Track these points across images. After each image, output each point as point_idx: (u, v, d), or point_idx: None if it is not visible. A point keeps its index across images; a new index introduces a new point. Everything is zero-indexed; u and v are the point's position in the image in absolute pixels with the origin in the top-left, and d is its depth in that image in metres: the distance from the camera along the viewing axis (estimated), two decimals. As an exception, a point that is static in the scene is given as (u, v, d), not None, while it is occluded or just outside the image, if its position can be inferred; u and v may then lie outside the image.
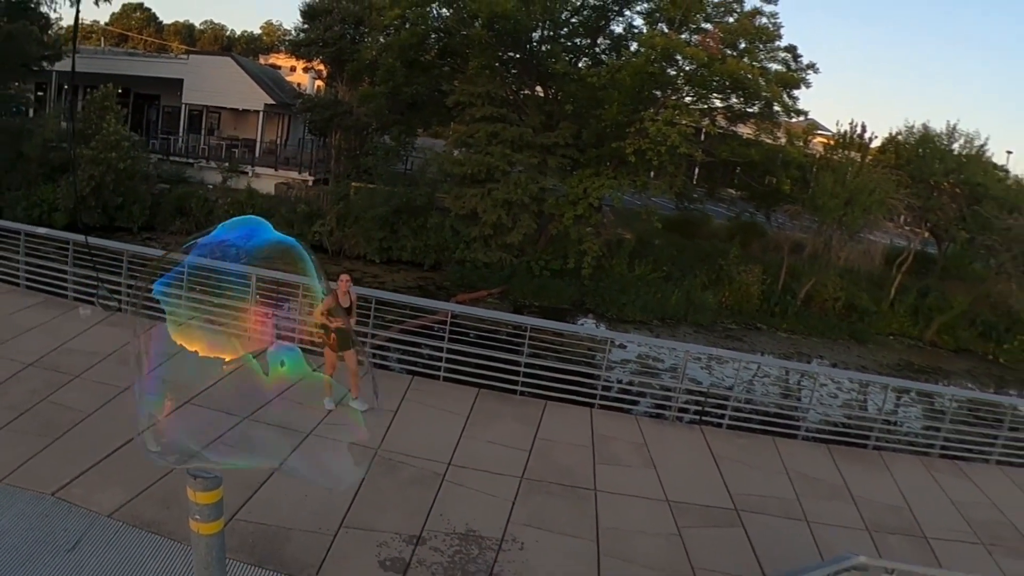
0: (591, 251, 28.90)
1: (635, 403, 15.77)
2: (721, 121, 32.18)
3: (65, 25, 35.74)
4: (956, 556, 9.19)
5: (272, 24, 62.06)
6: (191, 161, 36.08)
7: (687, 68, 28.89)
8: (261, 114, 40.52)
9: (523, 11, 28.12)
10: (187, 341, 4.59)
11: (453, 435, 10.03)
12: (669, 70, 29.18)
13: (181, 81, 39.34)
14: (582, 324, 26.28)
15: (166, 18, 77.09)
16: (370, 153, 34.18)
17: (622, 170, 29.28)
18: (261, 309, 6.47)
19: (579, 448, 10.30)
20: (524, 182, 28.44)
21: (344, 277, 9.85)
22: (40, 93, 39.32)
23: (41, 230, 14.13)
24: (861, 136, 34.17)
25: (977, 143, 33.85)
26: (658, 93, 29.71)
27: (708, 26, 29.82)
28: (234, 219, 4.84)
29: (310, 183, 35.27)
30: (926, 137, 34.15)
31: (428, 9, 30.15)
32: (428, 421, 10.31)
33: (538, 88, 32.43)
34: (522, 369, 11.76)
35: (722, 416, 12.19)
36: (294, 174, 35.87)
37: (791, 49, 30.19)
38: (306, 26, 34.86)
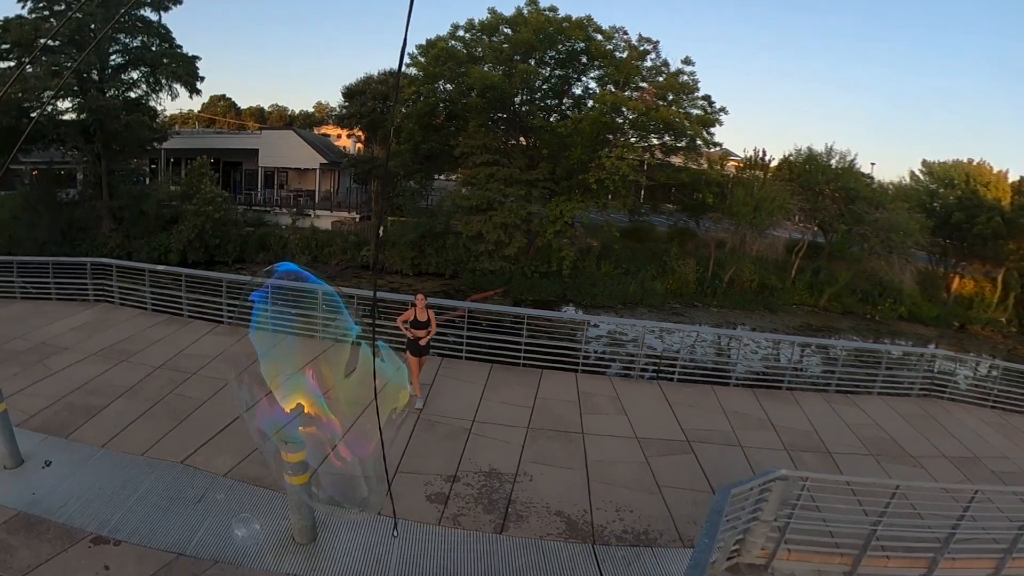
0: (568, 257, 29.02)
1: (608, 367, 15.73)
2: (658, 154, 32.27)
3: (168, 114, 35.81)
4: (853, 465, 9.20)
5: (322, 103, 61.83)
6: (268, 209, 36.11)
7: (631, 117, 28.96)
8: (317, 171, 40.54)
9: (506, 82, 28.26)
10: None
11: (475, 399, 10.03)
12: (617, 119, 29.26)
13: (257, 150, 39.43)
14: (565, 311, 26.29)
15: (242, 104, 76.74)
16: (400, 195, 34.22)
17: (587, 195, 29.36)
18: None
19: (569, 403, 10.29)
20: (515, 209, 28.46)
21: (419, 296, 9.20)
22: (152, 166, 39.36)
23: (160, 267, 14.12)
24: (762, 159, 34.28)
25: (849, 158, 34.06)
26: (610, 136, 29.78)
27: (644, 84, 29.87)
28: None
29: (357, 220, 35.30)
30: (811, 156, 34.21)
31: (436, 86, 30.21)
32: (456, 390, 10.30)
33: (521, 139, 32.47)
34: (523, 347, 11.74)
35: (673, 372, 12.17)
36: (344, 214, 35.88)
37: (707, 98, 30.32)
38: (347, 104, 34.86)
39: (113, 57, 30.78)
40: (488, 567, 6.16)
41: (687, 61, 29.61)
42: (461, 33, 30.16)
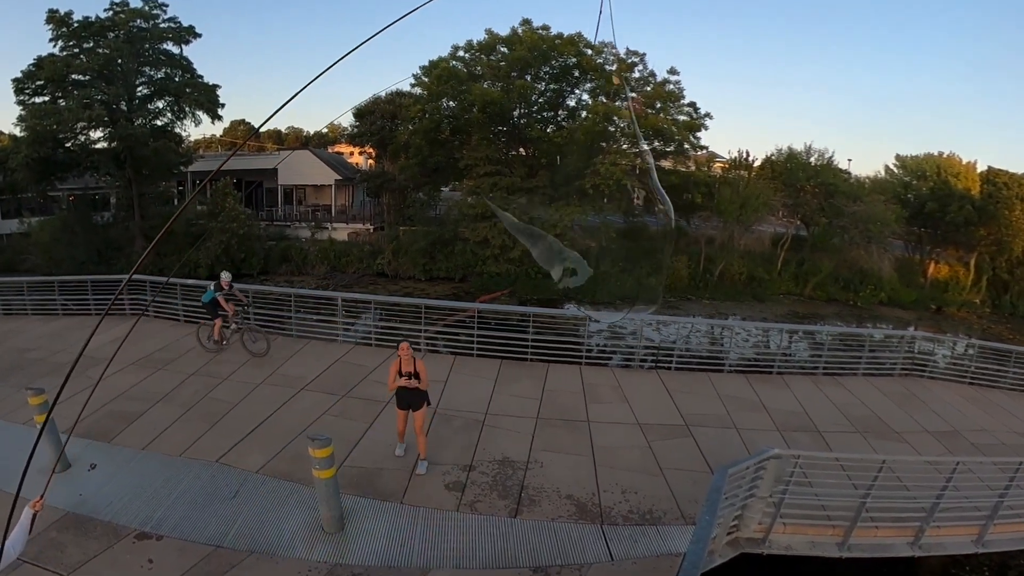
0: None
1: (609, 358, 15.62)
2: (648, 159, 32.10)
3: (193, 140, 35.92)
4: (841, 443, 9.14)
5: (335, 124, 61.71)
6: (288, 224, 36.19)
7: (621, 125, 28.86)
8: (333, 187, 40.62)
9: (505, 98, 28.30)
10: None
11: (487, 393, 10.01)
12: (610, 127, 29.15)
13: (276, 170, 39.49)
14: (567, 308, 26.19)
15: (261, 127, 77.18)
16: (410, 206, 34.18)
17: (584, 200, 29.28)
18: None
19: (574, 394, 10.26)
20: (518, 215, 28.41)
21: (403, 345, 7.25)
22: (180, 188, 39.50)
23: (190, 281, 14.15)
24: (746, 159, 34.20)
25: (827, 156, 34.00)
26: (604, 144, 29.65)
27: (634, 94, 29.78)
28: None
29: (371, 230, 35.29)
30: (791, 155, 34.08)
31: (440, 103, 30.19)
32: (469, 385, 10.28)
33: (521, 149, 32.41)
34: (530, 343, 11.72)
35: (670, 361, 12.13)
36: (359, 226, 35.87)
37: (692, 104, 30.19)
38: (358, 123, 34.92)
39: (140, 88, 30.96)
40: (504, 548, 6.15)
41: (672, 71, 29.57)
42: (461, 53, 30.21)
